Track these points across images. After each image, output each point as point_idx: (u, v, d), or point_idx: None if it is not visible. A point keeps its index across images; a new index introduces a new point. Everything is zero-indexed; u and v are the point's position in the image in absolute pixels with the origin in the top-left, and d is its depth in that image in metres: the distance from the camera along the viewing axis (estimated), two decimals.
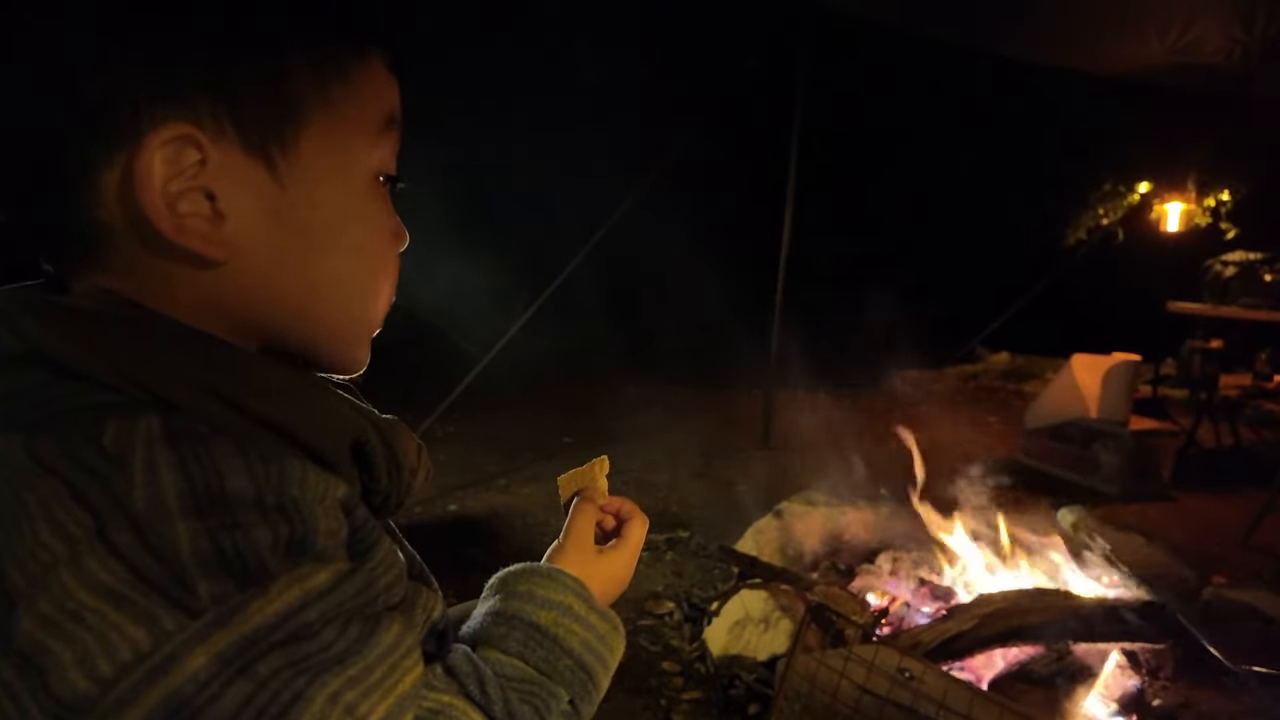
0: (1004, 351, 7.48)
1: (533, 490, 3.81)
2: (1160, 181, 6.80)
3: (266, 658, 0.36)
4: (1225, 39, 3.62)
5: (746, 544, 2.83)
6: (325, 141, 0.46)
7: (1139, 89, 4.69)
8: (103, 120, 0.40)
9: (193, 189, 0.42)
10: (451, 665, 0.47)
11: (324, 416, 0.45)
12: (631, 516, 0.68)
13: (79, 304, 0.43)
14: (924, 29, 4.20)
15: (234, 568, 0.36)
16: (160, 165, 0.41)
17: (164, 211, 0.41)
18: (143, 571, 0.35)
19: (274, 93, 0.43)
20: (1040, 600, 2.18)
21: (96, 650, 0.34)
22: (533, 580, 0.55)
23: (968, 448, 4.89)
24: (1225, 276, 5.44)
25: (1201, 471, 4.35)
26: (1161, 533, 2.98)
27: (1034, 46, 4.20)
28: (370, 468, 0.47)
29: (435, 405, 4.01)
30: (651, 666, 2.38)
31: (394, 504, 0.51)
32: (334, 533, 0.41)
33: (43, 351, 0.40)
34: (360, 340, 0.53)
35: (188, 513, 0.36)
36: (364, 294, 0.51)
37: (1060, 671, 2.08)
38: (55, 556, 0.35)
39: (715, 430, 5.02)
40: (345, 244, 0.48)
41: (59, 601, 0.34)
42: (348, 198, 0.48)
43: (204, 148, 0.42)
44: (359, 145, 0.48)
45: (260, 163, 0.44)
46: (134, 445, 0.37)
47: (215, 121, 0.42)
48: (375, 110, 0.49)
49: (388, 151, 0.50)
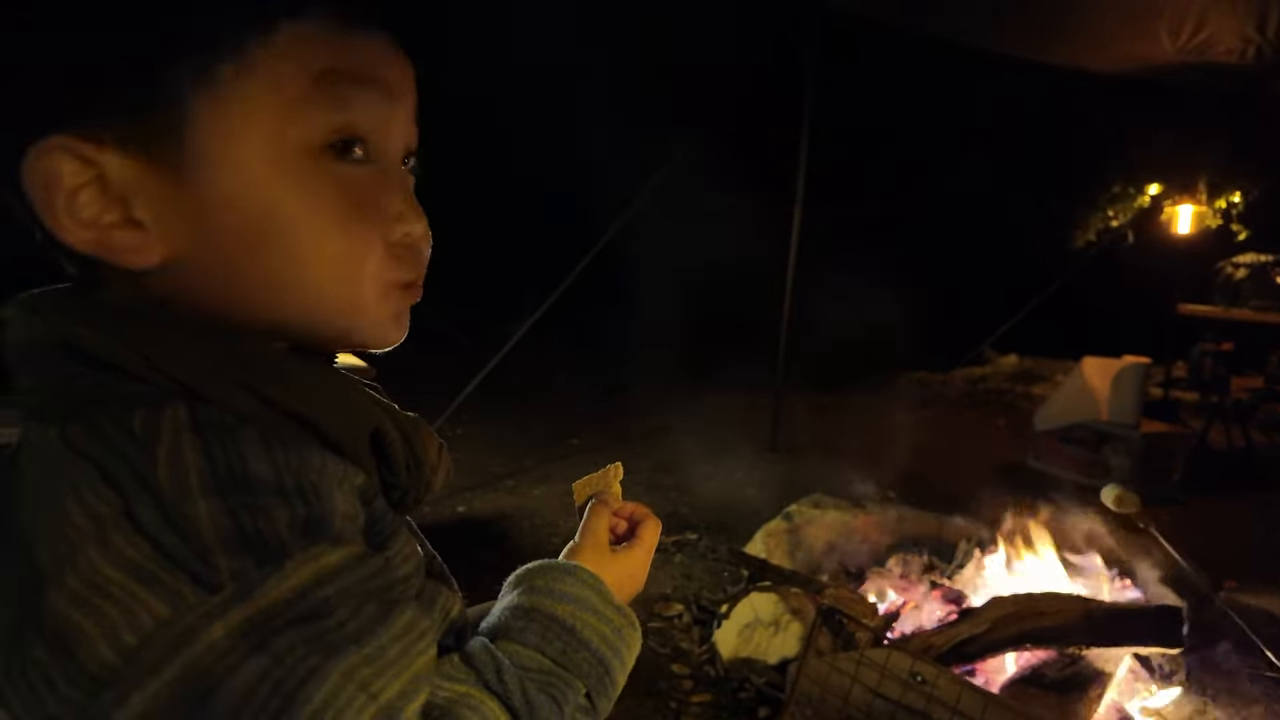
0: (1012, 354, 7.45)
1: (541, 492, 3.81)
2: (1171, 183, 6.76)
3: (284, 633, 0.37)
4: (1238, 39, 3.60)
5: (756, 547, 2.82)
6: (225, 131, 0.43)
7: (1150, 89, 4.66)
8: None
9: (94, 199, 0.42)
10: (470, 655, 0.48)
11: (343, 408, 0.46)
12: (645, 519, 0.69)
13: (111, 301, 0.45)
14: (931, 29, 4.18)
15: (253, 545, 0.37)
16: (46, 184, 0.41)
17: (74, 229, 0.42)
18: (166, 548, 0.37)
19: (144, 97, 0.42)
20: (1053, 603, 2.16)
21: (121, 623, 0.35)
22: (550, 575, 0.56)
23: (976, 450, 4.87)
24: (1236, 279, 5.42)
25: (1213, 475, 4.33)
26: (1173, 536, 2.96)
27: (1043, 46, 4.18)
28: (388, 460, 0.49)
29: (443, 406, 4.02)
30: (661, 669, 2.37)
31: (413, 500, 0.53)
32: (351, 517, 0.43)
33: (75, 344, 0.42)
34: (359, 321, 0.49)
35: (209, 492, 0.38)
36: (329, 279, 0.47)
37: (1073, 676, 2.06)
38: (84, 536, 0.37)
39: (724, 432, 5.01)
40: (281, 230, 0.45)
41: (87, 577, 0.36)
42: (271, 181, 0.44)
43: (89, 157, 0.41)
44: (272, 121, 0.44)
45: (156, 167, 0.43)
46: (161, 430, 0.39)
47: (96, 135, 0.41)
48: (294, 76, 0.44)
49: (330, 115, 0.45)
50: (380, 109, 0.48)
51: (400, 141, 0.51)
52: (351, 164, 0.47)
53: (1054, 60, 4.34)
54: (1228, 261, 5.53)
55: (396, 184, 0.50)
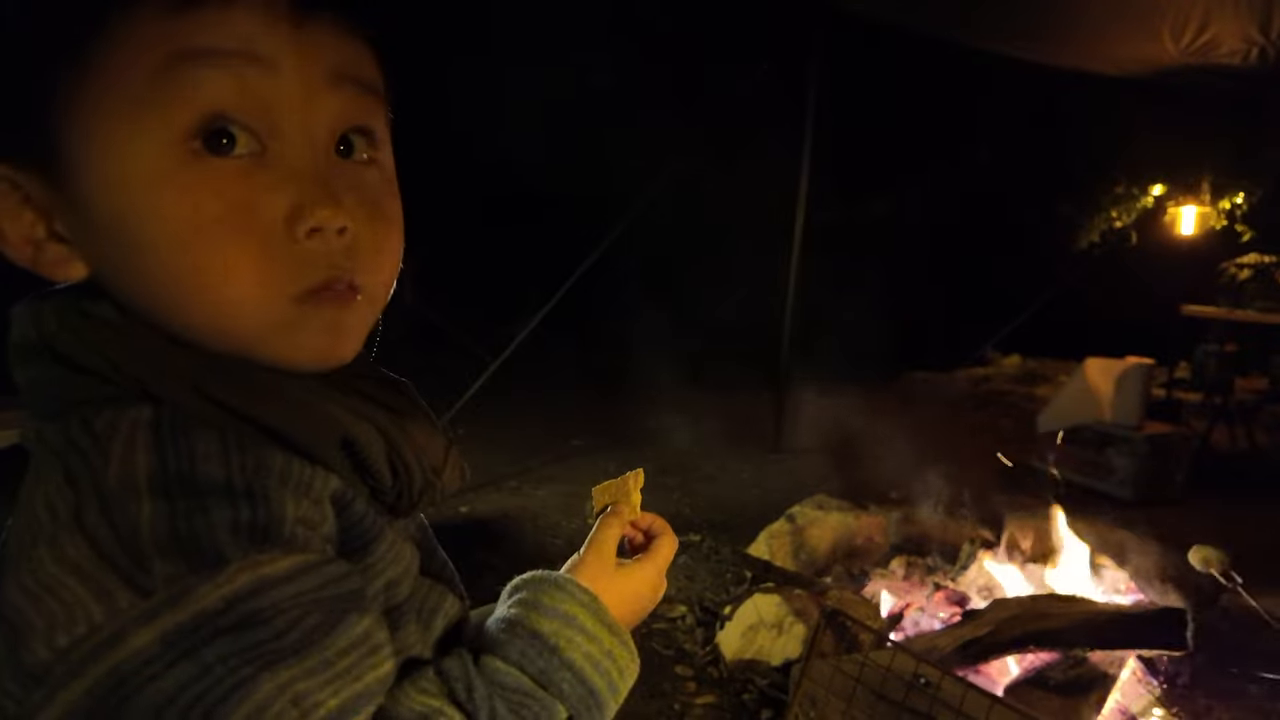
0: (1015, 355, 7.45)
1: (544, 492, 3.81)
2: (1174, 184, 6.76)
3: (213, 642, 0.36)
4: (1242, 40, 3.60)
5: (759, 548, 2.82)
6: (83, 139, 0.41)
7: (1153, 91, 4.66)
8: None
9: (27, 219, 0.44)
10: (443, 669, 0.46)
11: (306, 415, 0.45)
12: (662, 534, 0.66)
13: (96, 309, 0.45)
14: (936, 32, 4.18)
15: (188, 550, 0.37)
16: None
17: (13, 243, 0.44)
18: (105, 550, 0.37)
19: (15, 119, 0.43)
20: (1056, 605, 2.17)
21: (60, 621, 0.36)
22: (540, 588, 0.53)
23: (979, 451, 4.86)
24: (1240, 279, 5.40)
25: (1217, 476, 4.32)
26: (1176, 537, 2.95)
27: (1048, 48, 4.18)
28: (366, 467, 0.47)
29: (446, 407, 4.03)
30: (664, 670, 2.37)
31: (408, 503, 0.51)
32: (310, 523, 0.41)
33: (57, 348, 0.44)
34: (267, 338, 0.44)
35: (155, 493, 0.38)
36: (208, 290, 0.42)
37: (1077, 678, 2.06)
38: (40, 531, 0.38)
39: (727, 432, 5.01)
40: (148, 241, 0.42)
41: (35, 573, 0.37)
42: (140, 186, 0.41)
43: (16, 183, 0.43)
44: (126, 122, 0.40)
45: (53, 183, 0.43)
46: (119, 430, 0.40)
47: (9, 158, 0.43)
48: (135, 68, 0.40)
49: (183, 103, 0.40)
50: (254, 84, 0.41)
51: (305, 119, 0.44)
52: (224, 158, 0.42)
53: (1058, 63, 4.35)
54: (1231, 262, 5.51)
55: (288, 173, 0.43)
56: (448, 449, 0.55)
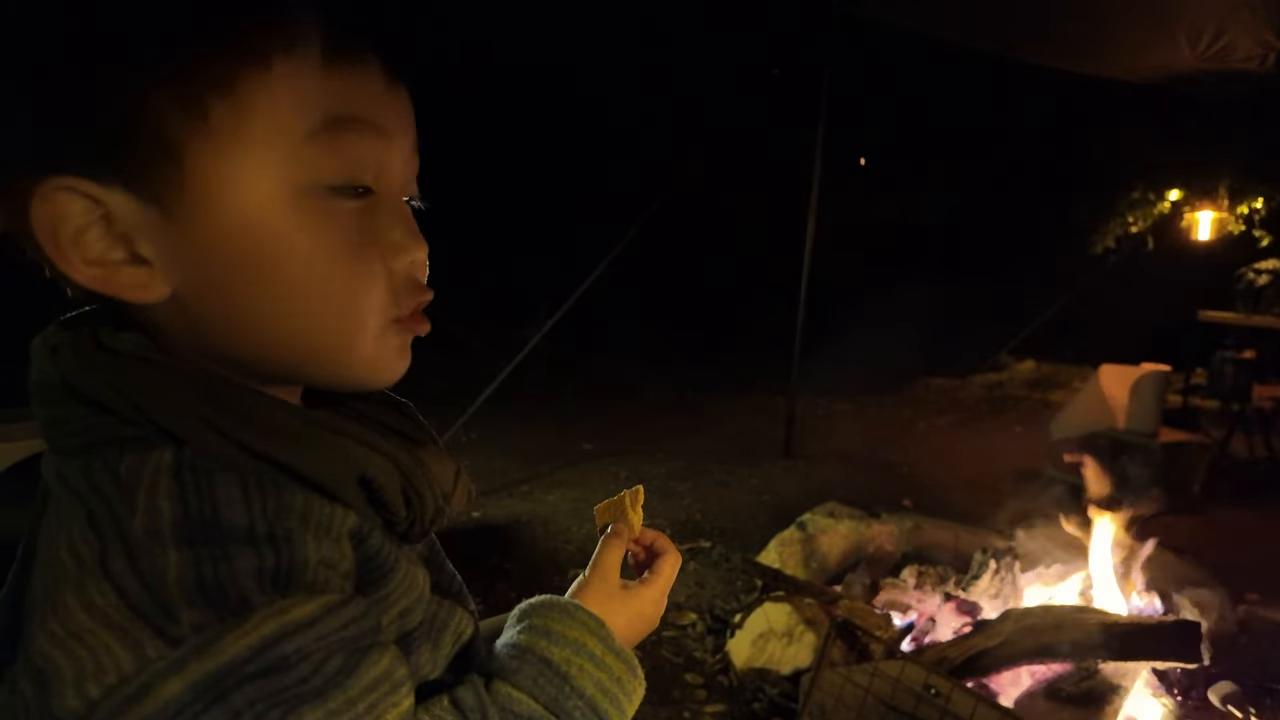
0: (1029, 360, 7.40)
1: (555, 498, 3.83)
2: (1191, 189, 6.70)
3: (242, 688, 0.37)
4: (1258, 45, 3.57)
5: (769, 555, 2.82)
6: (220, 169, 0.42)
7: (1169, 96, 4.62)
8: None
9: (99, 238, 0.42)
10: (458, 698, 0.47)
11: (325, 454, 0.45)
12: (664, 552, 0.66)
13: (120, 345, 0.45)
14: (952, 37, 4.17)
15: (214, 598, 0.38)
16: (53, 224, 0.41)
17: (79, 266, 0.42)
18: (132, 598, 0.37)
19: (135, 136, 0.41)
20: (1069, 616, 2.15)
21: (90, 670, 0.36)
22: (549, 615, 0.55)
23: (992, 457, 4.84)
24: (1259, 285, 5.34)
25: (1234, 484, 4.27)
26: (1193, 548, 2.92)
27: (1062, 53, 4.16)
28: (381, 502, 0.48)
29: (459, 412, 4.05)
30: (674, 678, 2.38)
31: (419, 530, 0.52)
32: (332, 564, 0.42)
33: (78, 386, 0.44)
34: (356, 357, 0.48)
35: (180, 541, 0.38)
36: (331, 314, 0.46)
37: (1089, 690, 2.05)
38: (66, 577, 0.38)
39: (737, 439, 5.00)
40: (281, 270, 0.44)
41: (64, 621, 0.37)
42: (270, 220, 0.43)
43: (94, 196, 0.41)
44: (272, 161, 0.43)
45: (155, 205, 0.42)
46: (142, 476, 0.40)
47: (99, 174, 0.41)
48: (291, 118, 0.43)
49: (331, 158, 0.44)
50: (379, 152, 0.47)
51: (400, 177, 0.50)
52: (352, 199, 0.46)
53: (1074, 69, 4.33)
54: (1250, 268, 5.45)
55: (397, 215, 0.49)
56: (457, 475, 0.56)
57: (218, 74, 0.41)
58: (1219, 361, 4.74)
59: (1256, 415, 4.68)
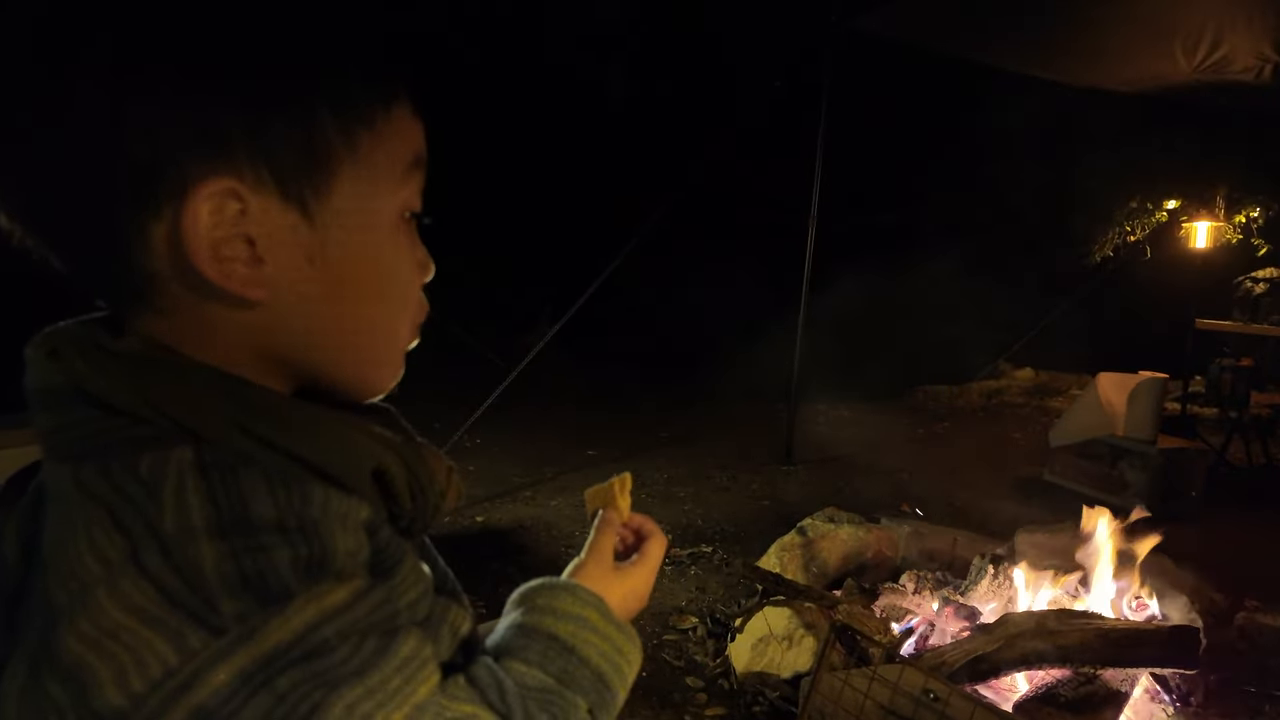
0: (1028, 367, 7.43)
1: (558, 502, 3.85)
2: (1189, 198, 6.74)
3: (286, 672, 0.38)
4: (1254, 57, 3.60)
5: (770, 560, 2.84)
6: (354, 187, 0.48)
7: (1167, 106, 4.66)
8: (152, 180, 0.43)
9: (234, 236, 0.44)
10: (473, 675, 0.49)
11: (344, 448, 0.48)
12: (651, 535, 0.71)
13: (125, 347, 0.46)
14: (951, 50, 4.21)
15: (255, 587, 0.39)
16: (206, 217, 0.43)
17: (209, 258, 0.44)
18: (171, 592, 0.38)
19: (306, 147, 0.45)
20: (1067, 622, 2.17)
21: (130, 667, 0.37)
22: (552, 594, 0.58)
23: (991, 464, 4.86)
24: (1256, 293, 5.38)
25: (1232, 491, 4.30)
26: (1191, 554, 2.94)
27: (1060, 65, 4.20)
28: (392, 494, 0.50)
29: (464, 418, 4.07)
30: (675, 681, 2.39)
31: (420, 525, 0.54)
32: (353, 553, 0.44)
33: (89, 390, 0.44)
34: (384, 369, 0.54)
35: (213, 535, 0.39)
36: (391, 326, 0.53)
37: (1088, 695, 2.07)
38: (95, 577, 0.38)
39: (739, 444, 5.03)
40: (373, 281, 0.50)
41: (97, 620, 0.38)
42: (376, 238, 0.50)
43: (244, 198, 0.44)
44: (386, 188, 0.50)
45: (295, 210, 0.46)
46: (167, 474, 0.41)
47: (254, 174, 0.44)
48: (401, 154, 0.50)
49: (413, 190, 0.52)
50: (422, 183, 0.54)
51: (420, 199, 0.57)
52: (414, 232, 0.53)
53: (1071, 81, 4.37)
54: (1247, 276, 5.49)
55: (417, 236, 0.54)
56: (449, 472, 0.58)
57: (364, 110, 0.48)
58: (1217, 369, 4.76)
59: (1254, 422, 4.71)
